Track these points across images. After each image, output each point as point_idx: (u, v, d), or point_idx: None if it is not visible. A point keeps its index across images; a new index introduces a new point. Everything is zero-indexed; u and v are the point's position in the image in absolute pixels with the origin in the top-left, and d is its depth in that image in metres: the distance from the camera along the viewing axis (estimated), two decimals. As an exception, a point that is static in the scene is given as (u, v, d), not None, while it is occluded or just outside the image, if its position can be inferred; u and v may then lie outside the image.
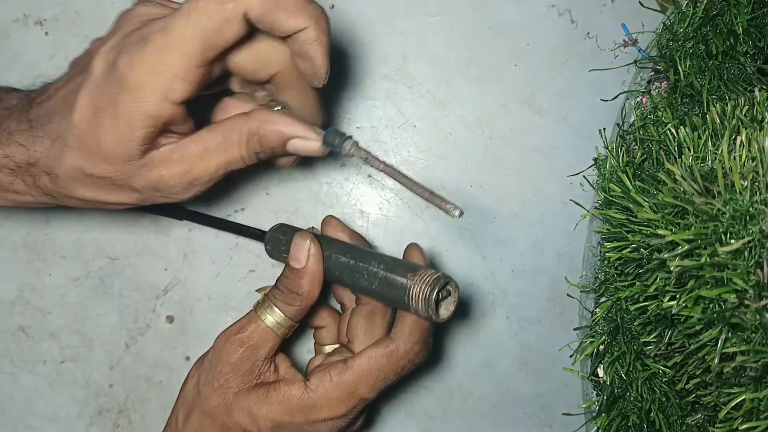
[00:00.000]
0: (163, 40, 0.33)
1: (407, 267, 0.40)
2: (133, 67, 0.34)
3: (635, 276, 0.41)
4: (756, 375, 0.31)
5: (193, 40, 0.33)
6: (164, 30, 0.34)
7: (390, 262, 0.41)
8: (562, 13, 0.58)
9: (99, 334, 0.57)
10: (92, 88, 0.35)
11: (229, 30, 0.34)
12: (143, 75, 0.34)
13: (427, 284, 0.38)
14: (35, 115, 0.37)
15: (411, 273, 0.39)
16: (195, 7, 0.33)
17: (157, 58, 0.33)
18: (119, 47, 0.35)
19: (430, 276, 0.38)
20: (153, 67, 0.33)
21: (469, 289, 0.58)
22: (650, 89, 0.49)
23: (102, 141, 0.35)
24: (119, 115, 0.34)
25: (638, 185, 0.39)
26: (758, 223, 0.29)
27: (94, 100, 0.35)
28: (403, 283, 0.39)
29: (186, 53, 0.33)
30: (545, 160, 0.58)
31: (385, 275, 0.40)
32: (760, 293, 0.29)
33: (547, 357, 0.58)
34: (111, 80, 0.34)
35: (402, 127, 0.58)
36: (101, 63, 0.35)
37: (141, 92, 0.34)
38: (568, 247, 0.58)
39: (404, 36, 0.58)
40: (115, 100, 0.34)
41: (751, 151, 0.32)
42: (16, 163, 0.37)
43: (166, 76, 0.34)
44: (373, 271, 0.40)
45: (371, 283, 0.41)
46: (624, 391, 0.45)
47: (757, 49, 0.45)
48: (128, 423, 0.57)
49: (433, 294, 0.38)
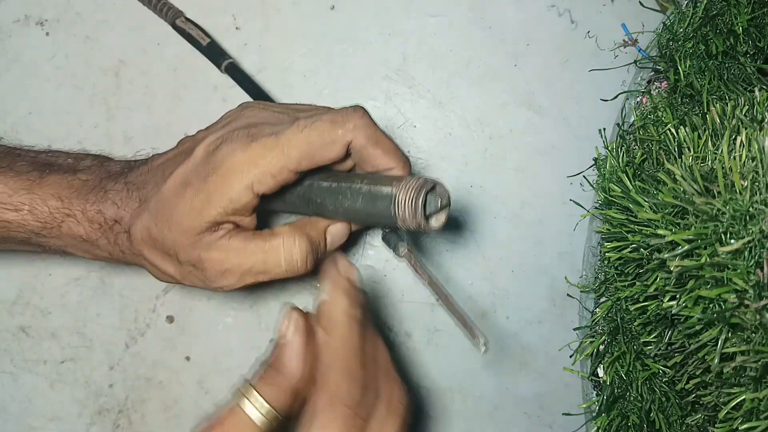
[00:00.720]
0: (271, 142, 0.37)
1: (390, 179, 0.38)
2: (234, 156, 0.37)
3: (635, 276, 0.41)
4: (756, 375, 0.31)
5: (298, 147, 0.37)
6: (274, 135, 0.38)
7: (372, 177, 0.39)
8: (562, 13, 0.58)
9: (99, 334, 0.57)
10: (189, 166, 0.39)
11: (331, 151, 0.38)
12: (239, 164, 0.37)
13: (413, 189, 0.35)
14: (132, 179, 0.41)
15: (396, 181, 0.37)
16: (309, 125, 0.38)
17: (259, 153, 0.37)
18: (223, 138, 0.38)
19: (415, 181, 0.36)
20: (252, 160, 0.37)
21: (469, 289, 0.58)
22: (650, 89, 0.49)
23: (177, 209, 0.38)
24: (202, 191, 0.38)
25: (638, 185, 0.39)
26: (758, 223, 0.29)
27: (187, 176, 0.38)
28: (387, 192, 0.36)
29: (286, 156, 0.37)
30: (545, 160, 0.58)
31: (369, 188, 0.38)
32: (760, 293, 0.29)
33: (547, 357, 0.58)
34: (208, 162, 0.38)
35: (402, 127, 0.58)
36: (203, 149, 0.39)
37: (231, 177, 0.37)
38: (568, 247, 0.58)
39: (404, 36, 0.58)
40: (204, 179, 0.38)
41: (751, 151, 0.32)
42: (105, 219, 0.40)
43: (261, 169, 0.37)
44: (357, 188, 0.38)
45: (355, 200, 0.38)
46: (624, 391, 0.45)
47: (757, 49, 0.45)
48: (128, 423, 0.57)
49: (420, 199, 0.35)
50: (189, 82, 0.58)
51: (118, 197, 0.40)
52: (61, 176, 0.41)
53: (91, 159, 0.44)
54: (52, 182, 0.40)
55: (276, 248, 0.39)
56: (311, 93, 0.59)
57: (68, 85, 0.58)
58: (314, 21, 0.59)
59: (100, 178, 0.41)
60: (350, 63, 0.58)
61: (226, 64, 0.55)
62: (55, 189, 0.40)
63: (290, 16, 0.59)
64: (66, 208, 0.40)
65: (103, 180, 0.41)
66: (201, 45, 0.55)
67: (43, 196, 0.40)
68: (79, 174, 0.41)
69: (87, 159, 0.43)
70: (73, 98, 0.58)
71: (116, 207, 0.40)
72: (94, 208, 0.40)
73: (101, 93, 0.58)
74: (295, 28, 0.59)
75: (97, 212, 0.40)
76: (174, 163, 0.40)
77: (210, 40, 0.55)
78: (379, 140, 0.39)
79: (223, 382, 0.58)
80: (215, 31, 0.59)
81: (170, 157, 0.42)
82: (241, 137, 0.38)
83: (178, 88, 0.58)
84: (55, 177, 0.40)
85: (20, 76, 0.58)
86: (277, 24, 0.59)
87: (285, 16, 0.59)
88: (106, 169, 0.42)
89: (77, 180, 0.41)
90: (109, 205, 0.40)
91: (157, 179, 0.40)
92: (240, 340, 0.58)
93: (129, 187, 0.40)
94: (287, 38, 0.59)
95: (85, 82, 0.58)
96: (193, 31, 0.55)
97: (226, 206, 0.38)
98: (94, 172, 0.42)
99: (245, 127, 0.39)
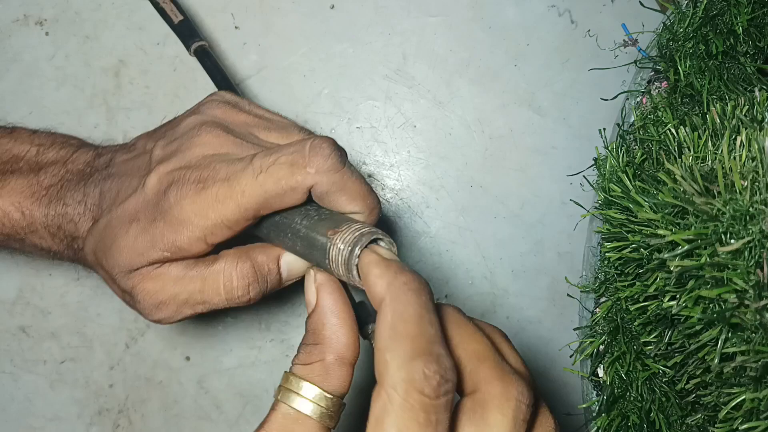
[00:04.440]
0: (223, 191, 0.34)
1: (335, 221, 0.33)
2: (182, 205, 0.34)
3: (635, 276, 0.41)
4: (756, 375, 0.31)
5: (253, 198, 0.33)
6: (227, 182, 0.34)
7: (314, 217, 0.34)
8: (562, 13, 0.58)
9: (99, 334, 0.57)
10: (140, 201, 0.35)
11: (291, 198, 0.34)
12: (189, 215, 0.34)
13: (346, 243, 0.31)
14: (91, 190, 0.38)
15: (333, 230, 0.32)
16: (265, 169, 0.33)
17: (210, 205, 0.34)
18: (173, 178, 0.35)
19: (352, 232, 0.31)
20: (202, 211, 0.34)
21: (469, 289, 0.58)
22: (650, 89, 0.49)
23: (117, 242, 0.35)
24: (147, 232, 0.35)
25: (638, 185, 0.39)
26: (758, 223, 0.29)
27: (137, 212, 0.35)
28: (322, 244, 0.32)
29: (242, 208, 0.33)
30: (545, 160, 0.58)
31: (306, 233, 0.33)
32: (760, 293, 0.29)
33: (547, 357, 0.58)
34: (157, 204, 0.35)
35: (402, 127, 0.58)
36: (155, 184, 0.35)
37: (180, 227, 0.34)
38: (568, 247, 0.58)
39: (404, 36, 0.58)
40: (152, 221, 0.35)
41: (751, 151, 0.32)
42: (65, 234, 0.38)
43: (213, 221, 0.34)
44: (296, 228, 0.34)
45: (295, 242, 0.34)
46: (624, 391, 0.45)
47: (757, 49, 0.45)
48: (128, 423, 0.57)
49: (353, 256, 0.30)
50: (189, 82, 0.58)
51: (75, 212, 0.38)
52: (23, 180, 0.39)
53: (55, 150, 0.41)
54: (13, 188, 0.38)
55: (216, 275, 0.36)
56: (311, 93, 0.59)
57: (68, 85, 0.58)
58: (314, 21, 0.59)
59: (61, 184, 0.39)
60: (350, 63, 0.58)
61: (195, 46, 0.48)
62: (17, 197, 0.38)
63: (290, 16, 0.59)
64: (28, 224, 0.38)
65: (64, 186, 0.39)
66: (172, 22, 0.49)
67: (5, 208, 0.38)
68: (41, 176, 0.39)
69: (51, 150, 0.41)
70: (73, 98, 0.58)
71: (74, 224, 0.38)
72: (54, 223, 0.38)
73: (101, 93, 0.58)
74: (295, 27, 0.59)
75: (58, 228, 0.38)
76: (128, 186, 0.37)
77: (183, 17, 0.50)
78: (345, 185, 0.34)
79: (223, 382, 0.58)
80: (215, 30, 0.59)
81: (127, 170, 0.38)
82: (191, 182, 0.34)
83: (178, 88, 0.58)
84: (16, 182, 0.38)
85: (20, 76, 0.58)
86: (277, 23, 0.59)
87: (285, 15, 0.59)
88: (68, 169, 0.40)
89: (38, 186, 0.39)
90: (67, 221, 0.38)
91: (111, 197, 0.37)
92: (240, 340, 0.58)
93: (87, 200, 0.38)
94: (287, 38, 0.59)
95: (85, 82, 0.58)
96: (166, 6, 0.50)
97: (173, 252, 0.35)
98: (57, 174, 0.39)
99: (198, 167, 0.35)
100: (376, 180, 0.58)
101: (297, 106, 0.59)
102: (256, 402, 0.58)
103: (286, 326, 0.58)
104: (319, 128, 0.58)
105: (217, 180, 0.34)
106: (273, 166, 0.33)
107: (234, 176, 0.34)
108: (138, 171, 0.38)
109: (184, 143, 0.37)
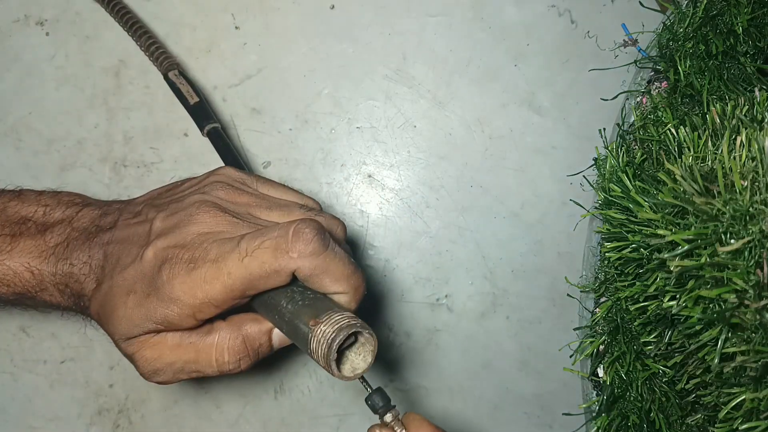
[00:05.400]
0: (211, 272, 0.36)
1: (317, 309, 0.34)
2: (172, 285, 0.36)
3: (635, 276, 0.41)
4: (756, 375, 0.31)
5: (239, 280, 0.36)
6: (215, 263, 0.36)
7: (298, 302, 0.36)
8: (562, 13, 0.58)
9: (99, 334, 0.57)
10: (138, 272, 0.38)
11: (275, 280, 0.36)
12: (179, 293, 0.36)
13: (326, 338, 0.32)
14: (96, 252, 0.41)
15: (314, 320, 0.33)
16: (250, 252, 0.36)
17: (198, 285, 0.36)
18: (167, 256, 0.37)
19: (331, 324, 0.33)
20: (191, 291, 0.36)
21: (469, 289, 0.58)
22: (650, 89, 0.49)
23: (116, 312, 0.38)
24: (142, 306, 0.37)
25: (638, 185, 0.39)
26: (758, 223, 0.29)
27: (134, 284, 0.38)
28: (304, 334, 0.33)
29: (228, 288, 0.36)
30: (545, 160, 0.58)
31: (291, 318, 0.35)
32: (760, 293, 0.29)
33: (547, 357, 0.58)
34: (151, 279, 0.37)
35: (402, 127, 0.58)
36: (151, 258, 0.38)
37: (171, 304, 0.36)
38: (568, 247, 0.58)
39: (404, 36, 0.58)
40: (146, 296, 0.37)
41: (751, 151, 0.32)
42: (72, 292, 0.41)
43: (201, 300, 0.36)
44: (282, 312, 0.36)
45: (281, 326, 0.36)
46: (624, 391, 0.45)
47: (757, 49, 0.45)
48: (128, 423, 0.57)
49: (332, 350, 0.32)
50: (189, 82, 0.58)
51: (81, 273, 0.40)
52: (31, 241, 0.41)
53: (61, 210, 0.43)
54: (23, 249, 0.41)
55: (209, 348, 0.38)
56: (311, 93, 0.59)
57: (68, 85, 0.58)
58: (314, 21, 0.59)
59: (67, 242, 0.41)
60: (350, 63, 0.58)
61: (208, 128, 0.51)
62: (26, 258, 0.41)
63: (290, 16, 0.59)
64: (38, 282, 0.41)
65: (70, 245, 0.41)
66: (188, 103, 0.52)
67: (16, 269, 0.41)
68: (48, 236, 0.41)
69: (57, 210, 0.43)
70: (73, 98, 0.58)
71: (80, 284, 0.40)
72: (62, 282, 0.41)
73: (101, 93, 0.58)
74: (295, 27, 0.59)
75: (65, 286, 0.41)
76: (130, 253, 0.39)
77: (199, 99, 0.53)
78: (327, 268, 0.36)
79: (223, 382, 0.58)
80: (215, 30, 0.59)
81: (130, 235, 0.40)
82: (183, 261, 0.37)
83: (178, 88, 0.58)
84: (25, 243, 0.41)
85: (20, 76, 0.58)
86: (277, 24, 0.59)
87: (285, 15, 0.59)
88: (74, 228, 0.42)
89: (45, 245, 0.41)
90: (74, 281, 0.40)
91: (113, 261, 0.39)
92: (240, 340, 0.58)
93: (92, 262, 0.40)
94: (287, 38, 0.59)
95: (85, 82, 0.58)
96: (183, 87, 0.53)
97: (166, 325, 0.37)
98: (63, 233, 0.42)
99: (190, 247, 0.37)
100: (376, 180, 0.58)
101: (297, 106, 0.59)
102: (256, 402, 0.58)
103: (286, 326, 0.58)
104: (319, 128, 0.58)
105: (207, 261, 0.36)
106: (258, 249, 0.35)
107: (222, 258, 0.36)
108: (138, 240, 0.40)
109: (183, 220, 0.39)
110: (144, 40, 0.55)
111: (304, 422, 0.58)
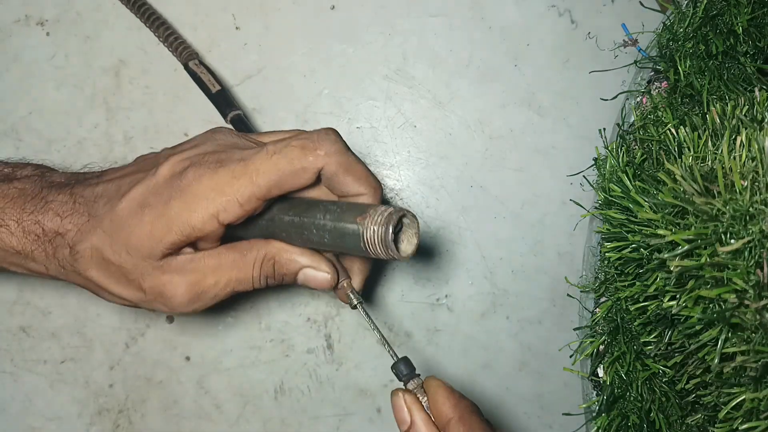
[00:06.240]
0: (240, 168, 0.36)
1: (356, 210, 0.36)
2: (200, 181, 0.36)
3: (635, 276, 0.41)
4: (756, 375, 0.31)
5: (267, 175, 0.36)
6: (243, 161, 0.36)
7: (336, 210, 0.37)
8: (562, 13, 0.58)
9: (99, 334, 0.57)
10: (150, 186, 0.37)
11: (301, 178, 0.37)
12: (205, 190, 0.36)
13: (380, 224, 0.34)
14: (79, 191, 0.38)
15: (360, 216, 0.35)
16: (279, 150, 0.36)
17: (227, 181, 0.36)
18: (191, 161, 0.37)
19: (380, 215, 0.34)
20: (218, 187, 0.36)
21: (469, 289, 0.58)
22: (650, 89, 0.49)
23: (134, 233, 0.36)
24: (162, 216, 0.36)
25: (638, 185, 0.39)
26: (758, 223, 0.29)
27: (146, 198, 0.36)
28: (354, 230, 0.35)
29: (255, 184, 0.36)
30: (545, 160, 0.58)
31: (334, 225, 0.36)
32: (760, 293, 0.29)
33: (547, 357, 0.58)
34: (171, 186, 0.36)
35: (402, 127, 0.58)
36: (168, 169, 0.37)
37: (195, 203, 0.36)
38: (568, 247, 0.58)
39: (404, 36, 0.58)
40: (166, 203, 0.36)
41: (751, 151, 0.32)
42: (44, 231, 0.37)
43: (228, 197, 0.36)
44: (321, 224, 0.36)
45: (322, 237, 0.37)
46: (624, 391, 0.45)
47: (757, 49, 0.45)
48: (128, 423, 0.57)
49: (389, 233, 0.34)
50: (189, 82, 0.58)
51: (61, 208, 0.37)
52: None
53: (31, 168, 0.41)
54: None
55: (248, 266, 0.38)
56: (311, 93, 0.59)
57: (68, 85, 0.58)
58: (314, 21, 0.59)
59: (41, 187, 0.38)
60: (350, 63, 0.58)
61: (231, 115, 0.52)
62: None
63: (290, 16, 0.59)
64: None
65: (44, 189, 0.38)
66: (210, 91, 0.53)
67: None
68: (16, 183, 0.38)
69: (27, 168, 0.41)
70: (73, 98, 0.58)
71: (59, 218, 0.37)
72: (31, 218, 0.37)
73: (101, 93, 0.58)
74: (295, 28, 0.59)
75: (35, 222, 0.37)
76: (132, 181, 0.37)
77: (220, 87, 0.53)
78: (351, 167, 0.38)
79: (223, 382, 0.58)
80: (215, 30, 0.59)
81: (127, 172, 0.39)
82: (209, 162, 0.36)
83: (178, 88, 0.58)
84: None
85: (20, 76, 0.58)
86: (277, 24, 0.59)
87: (285, 15, 0.59)
88: (47, 180, 0.39)
89: (13, 189, 0.38)
90: (50, 216, 0.37)
91: (110, 194, 0.37)
92: (240, 340, 0.58)
93: (76, 199, 0.37)
94: (287, 38, 0.59)
95: (85, 82, 0.58)
96: (204, 76, 0.54)
97: (188, 233, 0.36)
98: (34, 182, 0.39)
99: (214, 152, 0.37)
100: (376, 180, 0.58)
101: (297, 106, 0.59)
102: (256, 402, 0.58)
103: (286, 326, 0.58)
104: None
105: (234, 160, 0.36)
106: (286, 148, 0.36)
107: (250, 157, 0.36)
108: (143, 169, 0.39)
109: (198, 141, 0.39)
110: (162, 31, 0.55)
111: (304, 422, 0.58)
